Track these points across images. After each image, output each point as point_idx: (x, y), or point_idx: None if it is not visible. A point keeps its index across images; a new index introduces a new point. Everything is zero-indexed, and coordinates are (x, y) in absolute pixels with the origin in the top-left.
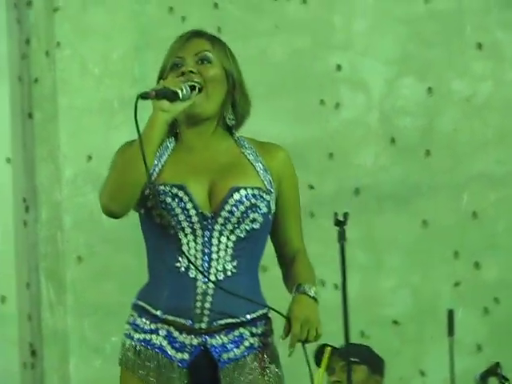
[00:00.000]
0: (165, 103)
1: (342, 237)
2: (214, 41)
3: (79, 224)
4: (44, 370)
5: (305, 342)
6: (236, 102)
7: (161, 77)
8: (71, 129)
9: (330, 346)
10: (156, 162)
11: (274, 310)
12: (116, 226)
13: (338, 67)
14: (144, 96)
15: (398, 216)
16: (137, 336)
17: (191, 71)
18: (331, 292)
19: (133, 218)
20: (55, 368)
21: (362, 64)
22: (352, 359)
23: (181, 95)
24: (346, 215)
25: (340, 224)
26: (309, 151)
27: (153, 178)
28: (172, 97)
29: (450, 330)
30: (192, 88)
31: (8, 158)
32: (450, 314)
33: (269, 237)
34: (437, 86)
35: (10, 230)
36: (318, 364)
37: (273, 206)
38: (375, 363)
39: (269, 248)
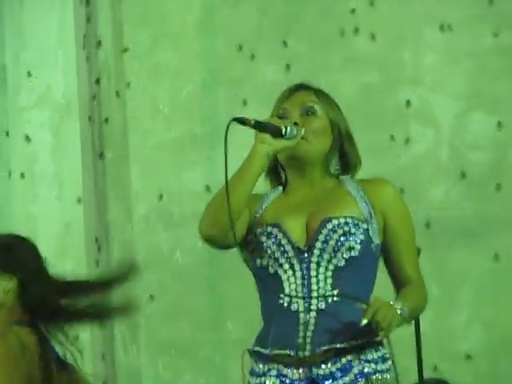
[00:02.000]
0: (267, 136)
1: None
2: (319, 93)
3: (151, 262)
4: None
5: (378, 326)
6: (344, 152)
7: None
8: (142, 168)
9: None
10: (258, 209)
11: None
12: (188, 264)
13: (408, 102)
14: (240, 120)
15: (470, 250)
16: (253, 381)
17: (295, 123)
18: (403, 326)
19: (205, 255)
20: None
21: (432, 99)
22: None
23: (284, 132)
24: (417, 251)
25: None
26: None
27: (254, 223)
28: (275, 132)
29: None
30: (298, 131)
31: (79, 198)
32: None
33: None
34: (507, 120)
35: (83, 269)
36: None
37: (374, 237)
38: None
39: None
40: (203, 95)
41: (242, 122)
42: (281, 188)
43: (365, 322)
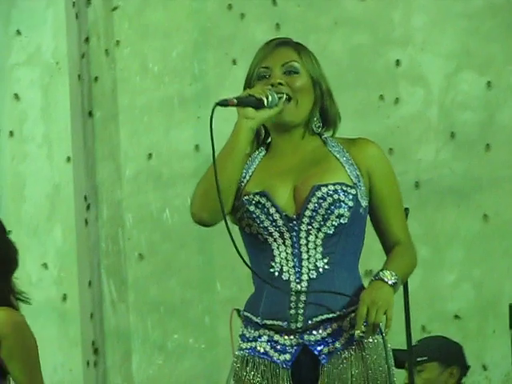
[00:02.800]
0: (249, 111)
1: None
2: (300, 49)
3: (140, 222)
4: (106, 367)
5: (373, 325)
6: (325, 108)
7: (247, 86)
8: (131, 127)
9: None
10: (244, 173)
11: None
12: (178, 223)
13: (398, 62)
14: (223, 103)
15: (459, 210)
16: (244, 346)
17: (280, 83)
18: None
19: None
20: (118, 366)
21: (422, 59)
22: (419, 359)
23: (266, 102)
24: (406, 210)
25: None
26: None
27: (241, 189)
28: (257, 104)
29: None
30: (279, 96)
31: (69, 156)
32: None
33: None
34: (496, 80)
35: (72, 228)
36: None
37: (362, 200)
38: (448, 355)
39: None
40: (193, 54)
41: (225, 104)
42: (264, 149)
43: (358, 332)
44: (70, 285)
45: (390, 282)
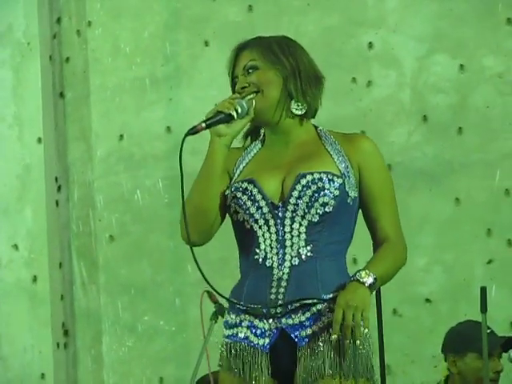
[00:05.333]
0: (221, 128)
1: None
2: (256, 45)
3: (111, 203)
4: (77, 349)
5: (350, 328)
6: (299, 91)
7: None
8: (103, 108)
9: None
10: (238, 165)
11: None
12: (148, 205)
13: (370, 45)
14: (193, 132)
15: (431, 194)
16: (226, 332)
17: (243, 87)
18: None
19: (166, 196)
20: (88, 347)
21: (394, 41)
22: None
23: (236, 115)
24: None
25: None
26: (341, 129)
27: (233, 181)
28: (227, 119)
29: (483, 308)
30: (249, 98)
31: (40, 137)
32: (483, 292)
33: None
34: (469, 63)
35: (42, 209)
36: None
37: (350, 191)
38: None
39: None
40: (165, 35)
41: (196, 131)
42: (259, 142)
43: (335, 337)
44: (41, 266)
45: (365, 282)
